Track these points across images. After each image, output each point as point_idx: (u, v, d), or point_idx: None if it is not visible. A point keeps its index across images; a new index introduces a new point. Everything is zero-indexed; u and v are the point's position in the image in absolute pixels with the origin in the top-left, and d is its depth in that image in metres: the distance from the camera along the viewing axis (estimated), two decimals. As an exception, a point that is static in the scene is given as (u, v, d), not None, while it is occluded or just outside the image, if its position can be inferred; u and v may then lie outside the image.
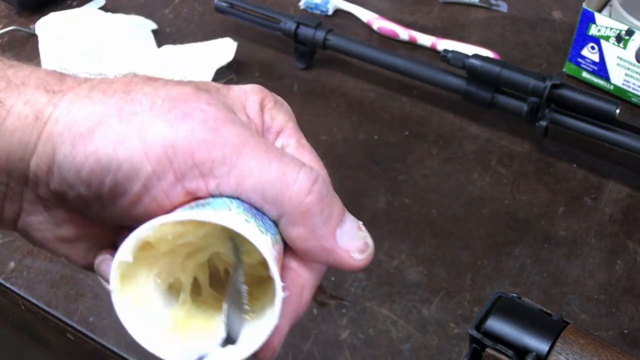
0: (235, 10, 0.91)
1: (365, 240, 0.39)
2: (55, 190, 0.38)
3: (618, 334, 0.65)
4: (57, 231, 0.40)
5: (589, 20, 0.85)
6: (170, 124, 0.36)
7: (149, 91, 0.37)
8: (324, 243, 0.38)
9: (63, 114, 0.37)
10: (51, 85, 0.38)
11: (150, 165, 0.36)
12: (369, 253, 0.39)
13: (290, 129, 0.42)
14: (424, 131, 0.84)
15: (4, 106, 0.37)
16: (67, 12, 0.92)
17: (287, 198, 0.37)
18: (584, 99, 0.77)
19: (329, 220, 0.38)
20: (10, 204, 0.39)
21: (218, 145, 0.36)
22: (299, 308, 0.39)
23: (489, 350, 0.49)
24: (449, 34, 0.95)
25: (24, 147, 0.37)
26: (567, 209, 0.76)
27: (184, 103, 0.37)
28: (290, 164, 0.37)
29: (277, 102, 0.42)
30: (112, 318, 0.65)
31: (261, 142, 0.38)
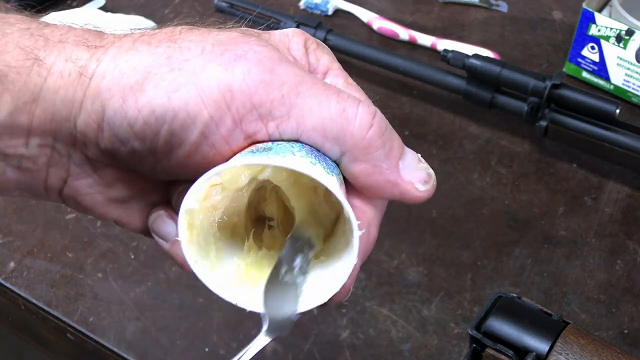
0: (235, 10, 0.91)
1: (428, 171, 0.39)
2: (106, 149, 0.36)
3: (618, 334, 0.65)
4: (108, 192, 0.39)
5: (589, 20, 0.85)
6: (224, 66, 0.35)
7: (196, 38, 0.36)
8: (388, 176, 0.38)
9: (109, 68, 0.35)
10: (91, 42, 0.37)
11: (208, 111, 0.35)
12: (432, 184, 0.39)
13: (337, 69, 0.42)
14: (424, 131, 0.84)
15: (44, 64, 0.35)
16: (67, 12, 0.92)
17: (349, 134, 0.36)
18: (584, 99, 0.77)
19: (390, 153, 0.38)
20: (56, 168, 0.38)
21: (276, 86, 0.35)
22: (367, 246, 0.38)
23: (489, 350, 0.49)
24: (449, 34, 0.95)
25: (69, 106, 0.36)
26: (567, 209, 0.76)
27: (235, 46, 0.36)
28: (349, 100, 0.37)
29: (319, 44, 0.42)
30: (112, 318, 0.65)
31: (317, 80, 0.37)
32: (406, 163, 0.38)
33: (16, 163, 0.37)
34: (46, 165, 0.37)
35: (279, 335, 0.36)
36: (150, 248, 0.70)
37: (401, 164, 0.38)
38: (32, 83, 0.35)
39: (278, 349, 0.64)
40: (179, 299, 0.66)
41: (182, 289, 0.66)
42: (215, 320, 0.65)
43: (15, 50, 0.35)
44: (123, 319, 0.65)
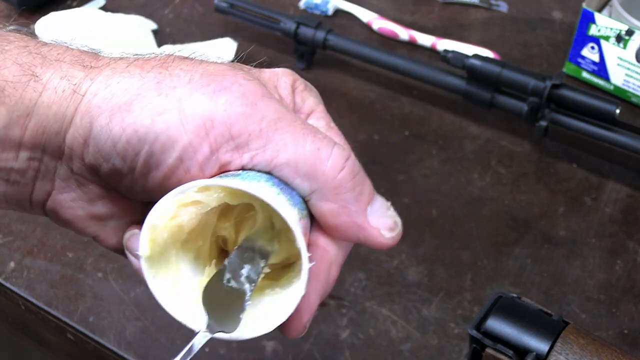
0: (235, 10, 0.91)
1: (395, 219, 0.40)
2: (90, 164, 0.38)
3: (618, 334, 0.65)
4: (89, 208, 0.40)
5: (589, 20, 0.85)
6: (209, 96, 0.36)
7: (187, 67, 0.38)
8: (356, 219, 0.39)
9: (101, 87, 0.37)
10: (87, 62, 0.38)
11: (187, 136, 0.36)
12: (398, 232, 0.40)
13: (320, 112, 0.43)
14: (424, 131, 0.84)
15: (40, 81, 0.37)
16: (67, 12, 0.92)
17: (321, 173, 0.37)
18: (584, 99, 0.77)
19: (360, 197, 0.39)
20: (42, 181, 0.39)
21: (256, 119, 0.37)
22: (327, 284, 0.39)
23: (489, 350, 0.49)
24: (449, 34, 0.95)
25: (60, 121, 0.37)
26: (567, 209, 0.76)
27: (222, 77, 0.37)
28: (325, 141, 0.38)
29: (307, 86, 0.43)
30: (112, 318, 0.65)
31: (297, 118, 0.38)
32: (375, 209, 0.40)
33: (5, 176, 0.38)
34: (33, 178, 0.39)
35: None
36: (150, 248, 0.70)
37: (369, 209, 0.39)
38: (28, 98, 0.37)
39: (278, 349, 0.64)
40: (179, 299, 0.66)
41: (182, 289, 0.66)
42: (215, 320, 0.65)
43: (14, 67, 0.37)
44: (123, 319, 0.65)
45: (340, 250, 0.41)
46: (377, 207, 0.40)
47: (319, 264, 0.39)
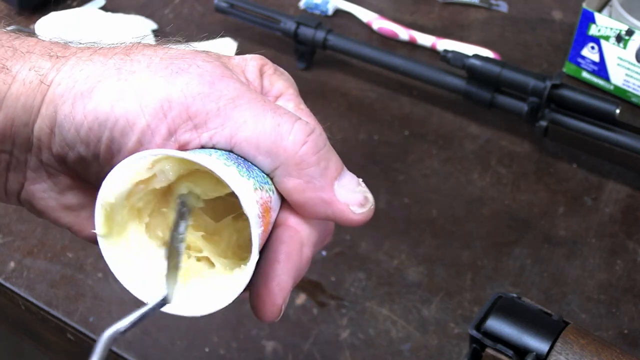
0: (235, 10, 0.91)
1: (365, 194, 0.39)
2: (57, 153, 0.38)
3: (618, 334, 0.65)
4: (61, 199, 0.41)
5: (589, 20, 0.85)
6: (166, 79, 0.37)
7: (148, 52, 0.38)
8: (322, 194, 0.38)
9: (65, 76, 0.37)
10: (55, 52, 0.38)
11: (145, 119, 0.36)
12: (369, 208, 0.39)
13: (290, 95, 0.42)
14: (424, 131, 0.84)
15: (10, 72, 0.37)
16: (67, 12, 0.92)
17: (282, 149, 0.37)
18: (584, 99, 0.77)
19: (325, 171, 0.38)
20: (14, 173, 0.40)
21: (213, 98, 0.37)
22: (300, 265, 0.38)
23: (489, 350, 0.49)
24: (449, 34, 0.95)
25: (28, 112, 0.37)
26: (567, 209, 0.76)
27: (182, 60, 0.38)
28: (285, 116, 0.37)
29: (277, 70, 0.43)
30: (112, 318, 0.65)
31: (257, 96, 0.38)
32: (343, 184, 0.39)
33: None
34: (5, 169, 0.39)
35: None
36: (150, 248, 0.70)
37: (337, 184, 0.38)
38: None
39: (278, 349, 0.64)
40: (179, 299, 0.66)
41: (182, 289, 0.66)
42: (215, 320, 0.65)
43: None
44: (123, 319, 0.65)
45: (313, 229, 0.39)
46: (346, 182, 0.39)
47: (290, 243, 0.38)
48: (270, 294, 0.37)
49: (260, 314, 0.37)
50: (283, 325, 0.65)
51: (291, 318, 0.66)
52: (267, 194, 0.37)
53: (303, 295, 0.67)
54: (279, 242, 0.38)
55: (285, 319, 0.65)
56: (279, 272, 0.37)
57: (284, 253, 0.38)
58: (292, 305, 0.66)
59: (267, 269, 0.37)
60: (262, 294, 0.37)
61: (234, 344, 0.64)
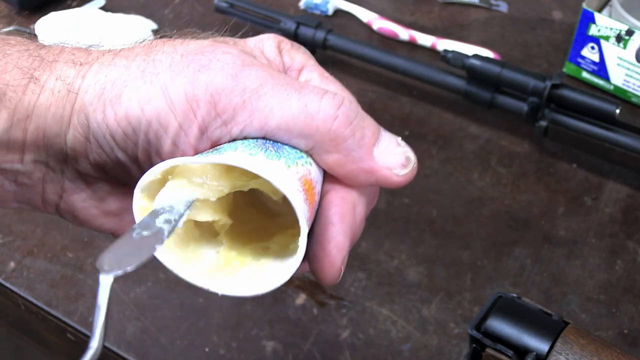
0: (235, 10, 0.91)
1: (406, 154, 0.39)
2: (95, 161, 0.38)
3: (618, 334, 0.65)
4: (102, 206, 0.41)
5: (589, 20, 0.85)
6: (189, 78, 0.37)
7: (168, 50, 0.38)
8: (362, 165, 0.38)
9: (91, 83, 0.37)
10: (78, 59, 0.39)
11: (177, 120, 0.36)
12: (412, 167, 0.39)
13: (312, 65, 0.42)
14: (424, 131, 0.84)
15: (38, 83, 0.37)
16: (67, 12, 0.92)
17: (314, 129, 0.37)
18: (584, 99, 0.77)
19: (362, 141, 0.38)
20: (52, 184, 0.40)
21: (238, 92, 0.37)
22: (354, 225, 0.38)
23: (489, 350, 0.49)
24: (449, 34, 0.95)
25: (59, 122, 0.38)
26: (567, 209, 0.76)
27: (202, 55, 0.37)
28: (311, 94, 0.37)
29: (294, 45, 0.43)
30: (112, 318, 0.65)
31: (279, 78, 0.38)
32: (382, 148, 0.38)
33: (13, 177, 0.39)
34: (42, 180, 0.40)
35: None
36: (150, 248, 0.70)
37: (376, 150, 0.38)
38: (27, 100, 0.37)
39: (278, 349, 0.64)
40: (179, 299, 0.66)
41: (182, 289, 0.66)
42: (215, 320, 0.65)
43: (14, 70, 0.37)
44: (123, 319, 0.65)
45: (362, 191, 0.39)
46: (385, 145, 0.39)
47: (342, 205, 0.38)
48: (329, 255, 0.37)
49: (320, 276, 0.37)
50: (283, 325, 0.65)
51: (291, 318, 0.66)
52: (304, 167, 0.37)
53: (303, 295, 0.67)
54: (331, 205, 0.38)
55: (285, 319, 0.65)
56: (335, 234, 0.37)
57: (337, 215, 0.38)
58: (292, 305, 0.66)
59: (322, 233, 0.37)
60: (321, 258, 0.37)
61: (234, 344, 0.64)
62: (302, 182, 0.36)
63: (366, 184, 0.39)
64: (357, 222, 0.39)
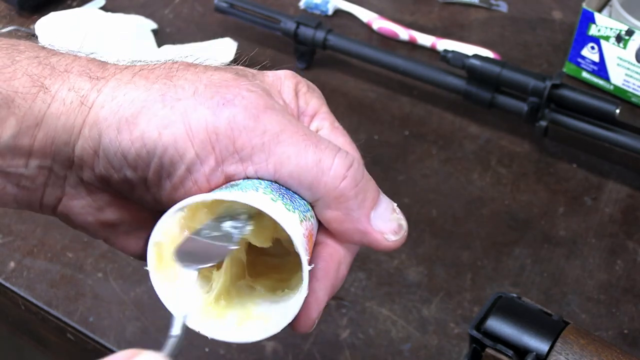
0: (235, 10, 0.91)
1: (399, 222, 0.41)
2: (101, 174, 0.39)
3: (618, 334, 0.65)
4: (98, 215, 0.41)
5: (589, 20, 0.85)
6: (213, 110, 0.37)
7: (191, 77, 0.38)
8: (359, 226, 0.39)
9: (107, 99, 0.38)
10: (94, 72, 0.39)
11: (195, 149, 0.37)
12: (403, 235, 0.41)
13: (324, 113, 0.43)
14: (424, 131, 0.84)
15: (49, 92, 0.38)
16: (67, 12, 0.92)
17: (323, 184, 0.38)
18: (584, 99, 0.77)
19: (363, 203, 0.39)
20: (52, 188, 0.40)
21: (258, 133, 0.37)
22: (335, 282, 0.40)
23: (489, 350, 0.49)
24: (449, 34, 0.95)
25: (68, 132, 0.38)
26: (567, 209, 0.76)
27: (226, 89, 0.38)
28: (327, 151, 0.38)
29: (310, 87, 0.44)
30: (112, 318, 0.65)
31: (299, 127, 0.39)
32: (378, 213, 0.40)
33: (16, 181, 0.39)
34: (43, 184, 0.40)
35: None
36: (150, 248, 0.70)
37: (373, 214, 0.40)
38: (37, 109, 0.37)
39: (278, 349, 0.64)
40: (179, 299, 0.66)
41: (182, 289, 0.66)
42: (215, 320, 0.65)
43: (24, 78, 0.38)
44: (123, 319, 0.65)
45: (349, 250, 0.41)
46: (381, 210, 0.40)
47: (328, 262, 0.40)
48: (306, 309, 0.38)
49: (295, 326, 0.39)
50: (283, 325, 0.65)
51: (291, 318, 0.66)
52: (309, 222, 0.39)
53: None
54: (318, 259, 0.40)
55: (285, 319, 0.65)
56: (317, 289, 0.39)
57: (322, 270, 0.39)
58: (292, 305, 0.66)
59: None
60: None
61: (234, 344, 0.64)
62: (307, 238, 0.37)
63: (357, 243, 0.41)
64: (339, 279, 0.40)
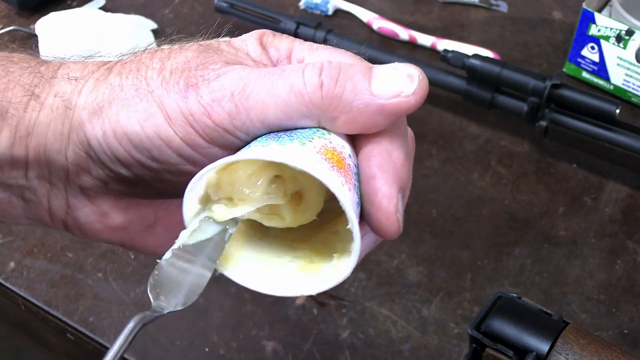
0: (235, 10, 0.91)
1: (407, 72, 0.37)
2: (98, 177, 0.39)
3: (618, 334, 0.65)
4: (105, 221, 0.41)
5: (589, 20, 0.85)
6: (181, 95, 0.37)
7: (157, 66, 0.39)
8: (369, 109, 0.36)
9: (88, 100, 0.38)
10: (74, 73, 0.39)
11: (178, 136, 0.37)
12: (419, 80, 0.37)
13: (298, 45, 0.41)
14: (424, 131, 0.84)
15: (39, 99, 0.38)
16: (67, 12, 0.92)
17: (309, 106, 0.36)
18: (584, 99, 0.77)
19: (355, 88, 0.36)
20: (57, 201, 0.40)
21: (227, 99, 0.37)
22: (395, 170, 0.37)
23: (489, 350, 0.49)
24: (449, 34, 0.95)
25: (59, 139, 0.38)
26: (567, 209, 0.76)
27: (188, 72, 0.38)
28: (292, 74, 0.37)
29: (276, 35, 0.42)
30: (112, 318, 0.65)
31: (259, 72, 0.37)
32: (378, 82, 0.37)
33: (19, 193, 0.40)
34: (47, 196, 0.40)
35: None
36: (150, 248, 0.70)
37: (374, 88, 0.37)
38: (27, 118, 0.38)
39: (278, 349, 0.64)
40: (179, 299, 0.66)
41: (182, 289, 0.66)
42: (215, 320, 0.65)
43: (16, 88, 0.38)
44: (123, 319, 0.65)
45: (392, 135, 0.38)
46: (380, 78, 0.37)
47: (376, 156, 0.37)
48: (380, 208, 0.36)
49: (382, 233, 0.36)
50: (283, 325, 0.65)
51: (291, 318, 0.66)
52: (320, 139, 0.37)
53: (303, 295, 0.67)
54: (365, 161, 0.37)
55: (285, 319, 0.65)
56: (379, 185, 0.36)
57: (374, 166, 0.37)
58: (292, 305, 0.66)
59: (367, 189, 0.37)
60: (374, 213, 0.36)
61: (234, 344, 0.64)
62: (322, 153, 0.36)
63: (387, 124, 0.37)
64: (398, 167, 0.37)
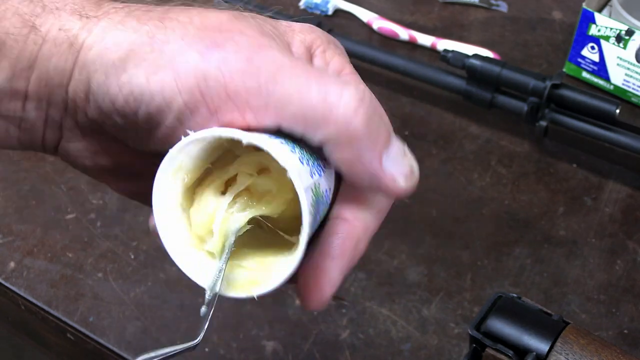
0: (235, 10, 0.91)
1: (411, 165, 0.37)
2: (93, 118, 0.37)
3: (618, 334, 0.65)
4: (95, 159, 0.40)
5: (589, 20, 0.85)
6: (202, 54, 0.34)
7: (184, 19, 0.36)
8: (370, 168, 0.36)
9: (97, 40, 0.36)
10: (87, 11, 0.37)
11: (182, 98, 0.34)
12: (414, 181, 0.37)
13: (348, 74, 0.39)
14: (424, 131, 0.84)
15: (40, 32, 0.36)
16: None
17: (333, 122, 0.34)
18: (584, 99, 0.77)
19: (375, 144, 0.35)
20: (51, 129, 0.39)
21: (252, 75, 0.34)
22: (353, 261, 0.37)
23: (489, 350, 0.49)
24: (449, 34, 0.95)
25: (60, 74, 0.36)
26: (567, 209, 0.76)
27: (217, 32, 0.35)
28: (333, 85, 0.34)
29: (330, 43, 0.39)
30: (112, 318, 0.65)
31: (298, 64, 0.35)
32: (391, 155, 0.36)
33: (16, 123, 0.38)
34: (43, 126, 0.38)
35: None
36: (150, 248, 0.70)
37: (385, 156, 0.36)
38: (28, 51, 0.36)
39: (278, 349, 0.64)
40: (179, 299, 0.66)
41: (182, 289, 0.66)
42: (215, 320, 0.65)
43: (14, 17, 0.36)
44: (123, 319, 0.65)
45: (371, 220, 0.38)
46: (393, 152, 0.36)
47: (347, 239, 0.37)
48: (320, 289, 0.35)
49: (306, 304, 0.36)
50: (283, 325, 0.65)
51: (291, 318, 0.66)
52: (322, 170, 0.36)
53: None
54: (335, 235, 0.37)
55: (285, 319, 0.65)
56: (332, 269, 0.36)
57: (339, 248, 0.36)
58: (292, 305, 0.66)
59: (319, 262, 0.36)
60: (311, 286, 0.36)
61: (234, 344, 0.64)
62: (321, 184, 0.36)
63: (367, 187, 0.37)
64: (357, 257, 0.37)
